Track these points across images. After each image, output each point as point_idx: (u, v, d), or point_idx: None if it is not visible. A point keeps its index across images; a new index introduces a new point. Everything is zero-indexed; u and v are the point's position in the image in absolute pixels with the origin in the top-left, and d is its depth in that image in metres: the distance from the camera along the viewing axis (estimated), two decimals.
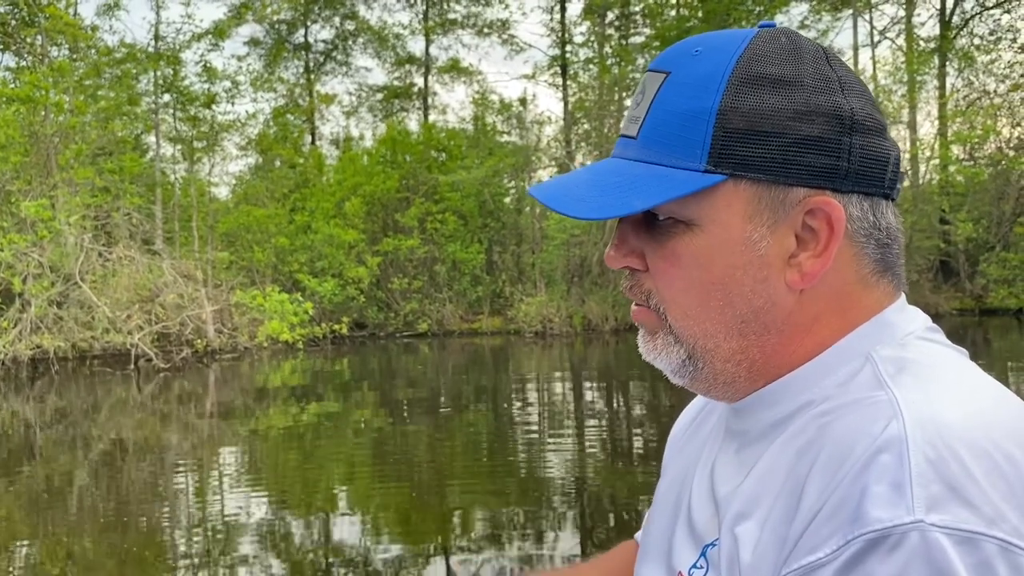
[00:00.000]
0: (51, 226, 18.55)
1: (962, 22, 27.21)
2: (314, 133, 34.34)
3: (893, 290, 0.75)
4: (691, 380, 0.78)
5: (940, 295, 24.12)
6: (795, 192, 0.70)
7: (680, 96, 0.71)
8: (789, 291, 0.72)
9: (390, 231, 26.71)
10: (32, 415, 12.53)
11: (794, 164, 0.69)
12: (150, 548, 5.78)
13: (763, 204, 0.70)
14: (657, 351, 0.78)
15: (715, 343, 0.74)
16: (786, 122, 0.69)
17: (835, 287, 0.73)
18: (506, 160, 27.19)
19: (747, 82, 0.69)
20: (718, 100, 0.69)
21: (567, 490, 7.11)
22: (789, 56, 0.71)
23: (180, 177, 26.26)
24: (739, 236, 0.71)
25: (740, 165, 0.69)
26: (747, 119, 0.69)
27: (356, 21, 34.62)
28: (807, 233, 0.71)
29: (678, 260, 0.73)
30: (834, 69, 0.72)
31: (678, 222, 0.73)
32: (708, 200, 0.71)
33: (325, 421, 11.35)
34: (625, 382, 14.67)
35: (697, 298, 0.73)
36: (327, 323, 22.58)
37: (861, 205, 0.71)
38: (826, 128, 0.69)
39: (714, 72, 0.70)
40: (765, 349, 0.74)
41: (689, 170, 0.70)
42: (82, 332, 18.18)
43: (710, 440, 0.87)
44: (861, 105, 0.71)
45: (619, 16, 30.87)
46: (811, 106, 0.69)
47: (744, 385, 0.76)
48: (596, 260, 24.67)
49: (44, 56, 22.79)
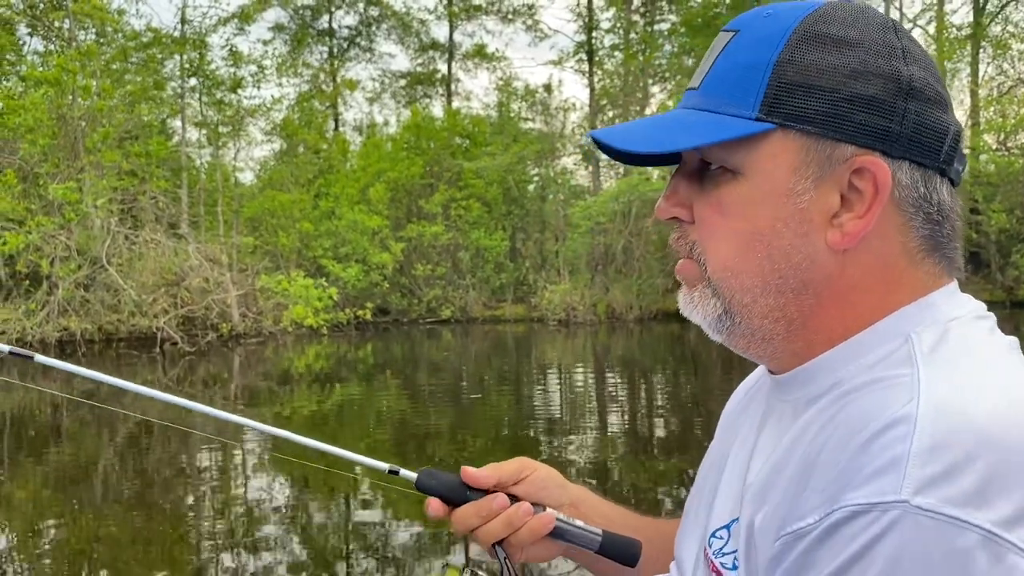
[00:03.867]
0: (78, 209, 18.71)
1: (997, 9, 26.72)
2: (337, 119, 34.39)
3: (942, 271, 0.74)
4: (728, 335, 0.78)
5: (970, 287, 23.62)
6: (843, 149, 0.70)
7: (743, 50, 0.74)
8: (830, 251, 0.72)
9: (414, 217, 26.74)
10: (59, 397, 12.65)
11: (845, 120, 0.70)
12: (173, 528, 5.80)
13: (810, 157, 0.71)
14: (695, 304, 0.79)
15: (752, 297, 0.75)
16: (841, 78, 0.70)
17: (879, 256, 0.72)
18: (530, 147, 27.10)
19: (808, 39, 0.71)
20: (777, 53, 0.71)
21: (589, 478, 7.06)
22: (854, 20, 0.72)
23: (205, 162, 26.40)
24: (783, 187, 0.72)
25: (790, 116, 0.70)
26: (803, 73, 0.70)
27: (380, 7, 34.59)
28: (852, 193, 0.71)
29: (722, 208, 0.74)
30: (900, 39, 0.73)
31: (726, 171, 0.74)
32: (756, 148, 0.72)
33: (348, 405, 11.37)
34: (649, 371, 14.60)
35: (737, 248, 0.74)
36: (351, 308, 22.65)
37: (912, 173, 0.71)
38: (882, 89, 0.70)
39: (779, 29, 0.73)
40: (803, 309, 0.74)
41: (741, 117, 0.72)
42: (108, 315, 18.35)
43: (754, 416, 0.87)
44: (922, 75, 0.72)
45: (645, 2, 30.63)
46: (869, 66, 0.70)
47: (782, 344, 0.76)
48: (621, 248, 24.56)
49: (72, 40, 22.93)
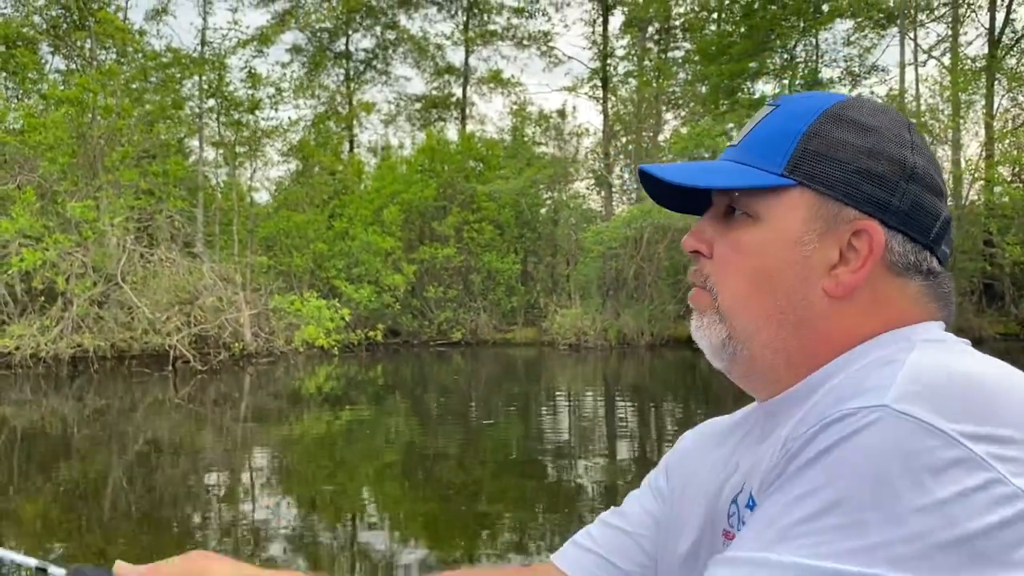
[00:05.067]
0: (95, 227, 18.89)
1: (1012, 41, 26.75)
2: (352, 141, 34.65)
3: (935, 311, 0.84)
4: (730, 362, 0.88)
5: (984, 318, 23.63)
6: (847, 211, 0.82)
7: (780, 119, 0.87)
8: (824, 297, 0.82)
9: (427, 239, 26.84)
10: (71, 413, 12.72)
11: (854, 188, 0.81)
12: (180, 547, 5.81)
13: (820, 214, 0.82)
14: (703, 329, 0.89)
15: (755, 327, 0.85)
16: (857, 154, 0.82)
17: (873, 305, 0.82)
18: (543, 171, 27.20)
19: (835, 119, 0.84)
20: (808, 125, 0.84)
21: (597, 504, 7.05)
22: (876, 113, 0.85)
23: (222, 181, 26.61)
24: (794, 236, 0.83)
25: (809, 176, 0.83)
26: (826, 144, 0.83)
27: (397, 31, 34.94)
28: (850, 251, 0.81)
29: (739, 247, 0.86)
30: (911, 135, 0.84)
31: (748, 216, 0.85)
32: (777, 200, 0.84)
33: (358, 427, 11.39)
34: (659, 397, 14.56)
35: (746, 282, 0.85)
36: (362, 329, 22.71)
37: (904, 244, 0.82)
38: (889, 169, 0.82)
39: (813, 107, 0.85)
40: (803, 342, 0.83)
41: (768, 171, 0.84)
42: (122, 332, 18.46)
43: (731, 449, 0.95)
44: (924, 165, 0.83)
45: (659, 30, 30.82)
46: (882, 149, 0.82)
47: (784, 375, 0.85)
48: (632, 274, 24.56)
49: (93, 59, 23.26)
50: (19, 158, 20.10)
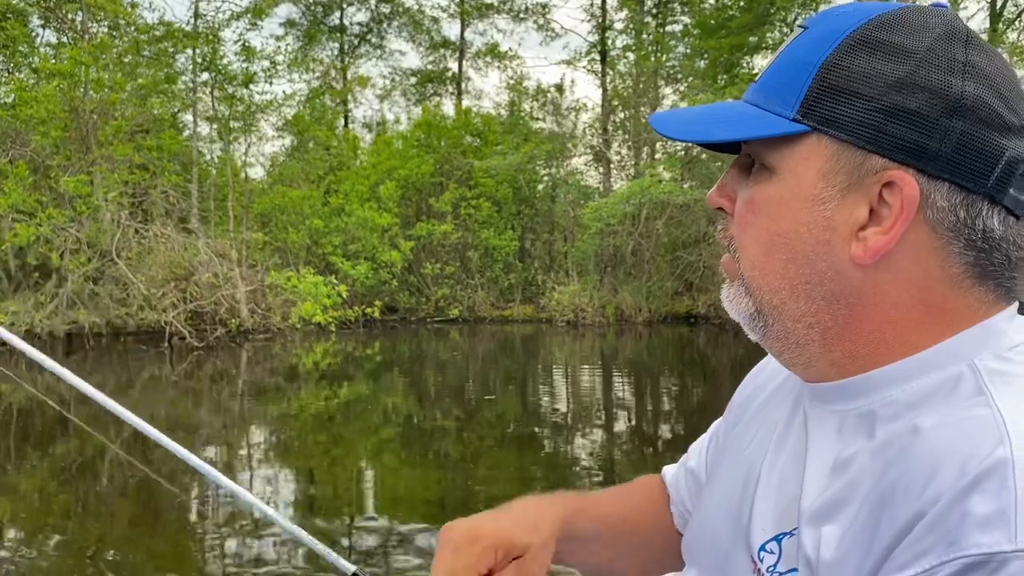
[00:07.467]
0: (89, 202, 18.73)
1: (1014, 15, 26.56)
2: (347, 116, 34.38)
3: (997, 298, 0.71)
4: (763, 336, 0.78)
5: None
6: (874, 160, 0.68)
7: (802, 48, 0.72)
8: (855, 265, 0.70)
9: (424, 216, 26.70)
10: (66, 390, 12.65)
11: (878, 131, 0.67)
12: (178, 522, 5.78)
13: (839, 165, 0.69)
14: (731, 300, 0.79)
15: (781, 300, 0.74)
16: (884, 88, 0.67)
17: (913, 278, 0.70)
18: (541, 147, 27.03)
19: (862, 43, 0.68)
20: (826, 55, 0.69)
21: (594, 475, 7.03)
22: (917, 28, 0.68)
23: (216, 156, 26.41)
24: (810, 192, 0.70)
25: (824, 120, 0.69)
26: (847, 78, 0.68)
27: (392, 4, 34.58)
28: (883, 207, 0.68)
29: (754, 206, 0.74)
30: (968, 52, 0.68)
31: (764, 168, 0.73)
32: (790, 149, 0.71)
33: (355, 403, 11.34)
34: (656, 374, 14.53)
35: (763, 248, 0.74)
36: (359, 306, 22.64)
37: (951, 196, 0.67)
38: (926, 103, 0.66)
39: (838, 29, 0.70)
40: (837, 319, 0.72)
41: (780, 116, 0.71)
42: (117, 309, 18.37)
43: (787, 420, 0.84)
44: (980, 93, 0.67)
45: (658, 3, 30.56)
46: (917, 78, 0.67)
47: (818, 352, 0.74)
48: (630, 250, 24.47)
49: (84, 32, 22.97)
50: (11, 132, 19.87)
